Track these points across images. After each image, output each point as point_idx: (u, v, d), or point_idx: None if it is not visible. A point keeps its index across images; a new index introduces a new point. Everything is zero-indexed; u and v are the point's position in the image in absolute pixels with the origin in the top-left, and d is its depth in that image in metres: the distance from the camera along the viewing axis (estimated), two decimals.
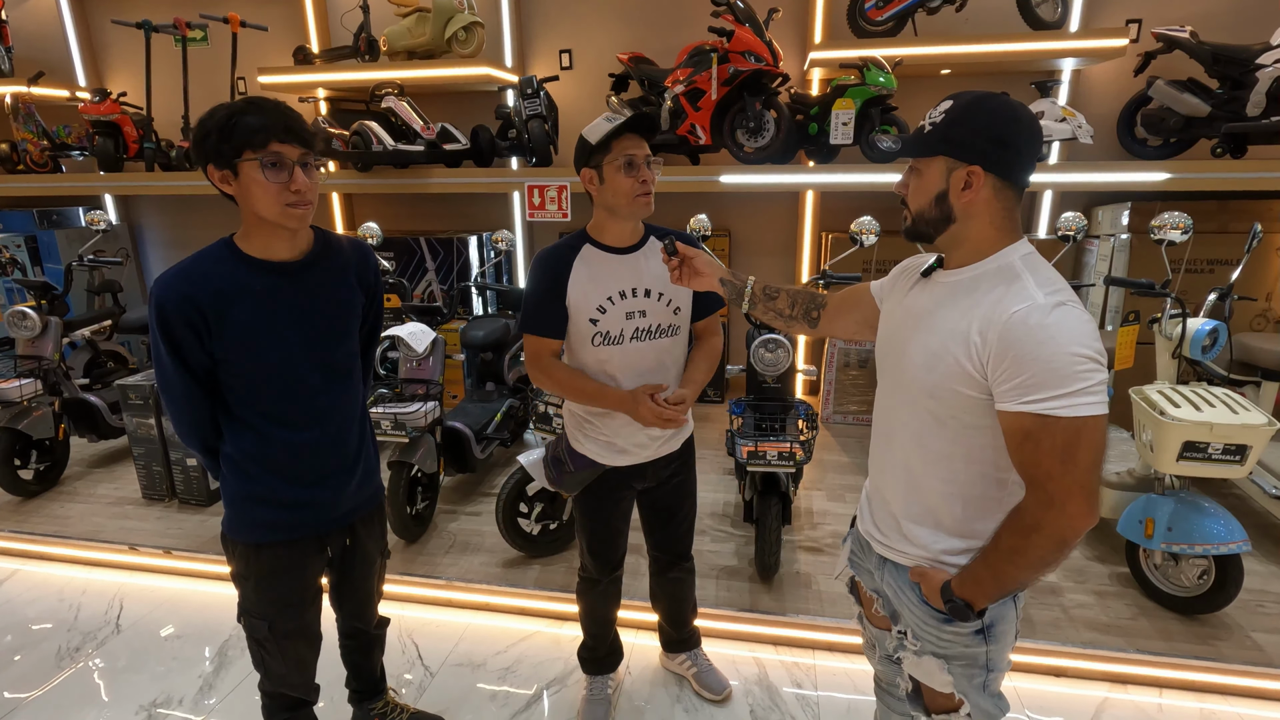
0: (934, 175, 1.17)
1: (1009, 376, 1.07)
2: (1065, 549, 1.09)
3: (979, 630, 1.23)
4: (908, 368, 1.24)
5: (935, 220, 1.19)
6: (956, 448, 1.20)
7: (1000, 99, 1.14)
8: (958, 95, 1.16)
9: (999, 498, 1.20)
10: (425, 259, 4.41)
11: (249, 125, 1.33)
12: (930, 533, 1.27)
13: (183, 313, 1.39)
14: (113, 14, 4.54)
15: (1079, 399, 1.04)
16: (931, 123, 1.16)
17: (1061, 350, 1.04)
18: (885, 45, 3.47)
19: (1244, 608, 2.43)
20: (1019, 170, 1.14)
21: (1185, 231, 2.45)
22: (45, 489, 3.48)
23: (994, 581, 1.17)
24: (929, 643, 1.29)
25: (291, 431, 1.53)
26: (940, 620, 1.25)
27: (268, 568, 1.59)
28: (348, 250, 1.61)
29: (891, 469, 1.33)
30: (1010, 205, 1.16)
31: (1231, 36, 3.36)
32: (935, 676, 1.30)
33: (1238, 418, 2.20)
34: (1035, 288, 1.09)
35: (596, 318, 1.73)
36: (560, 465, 1.97)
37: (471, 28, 3.85)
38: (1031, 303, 1.07)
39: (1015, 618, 1.26)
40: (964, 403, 1.16)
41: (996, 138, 1.11)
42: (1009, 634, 1.26)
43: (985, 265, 1.17)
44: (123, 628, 2.64)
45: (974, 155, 1.12)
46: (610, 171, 1.65)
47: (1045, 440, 1.06)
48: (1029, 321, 1.06)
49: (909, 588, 1.31)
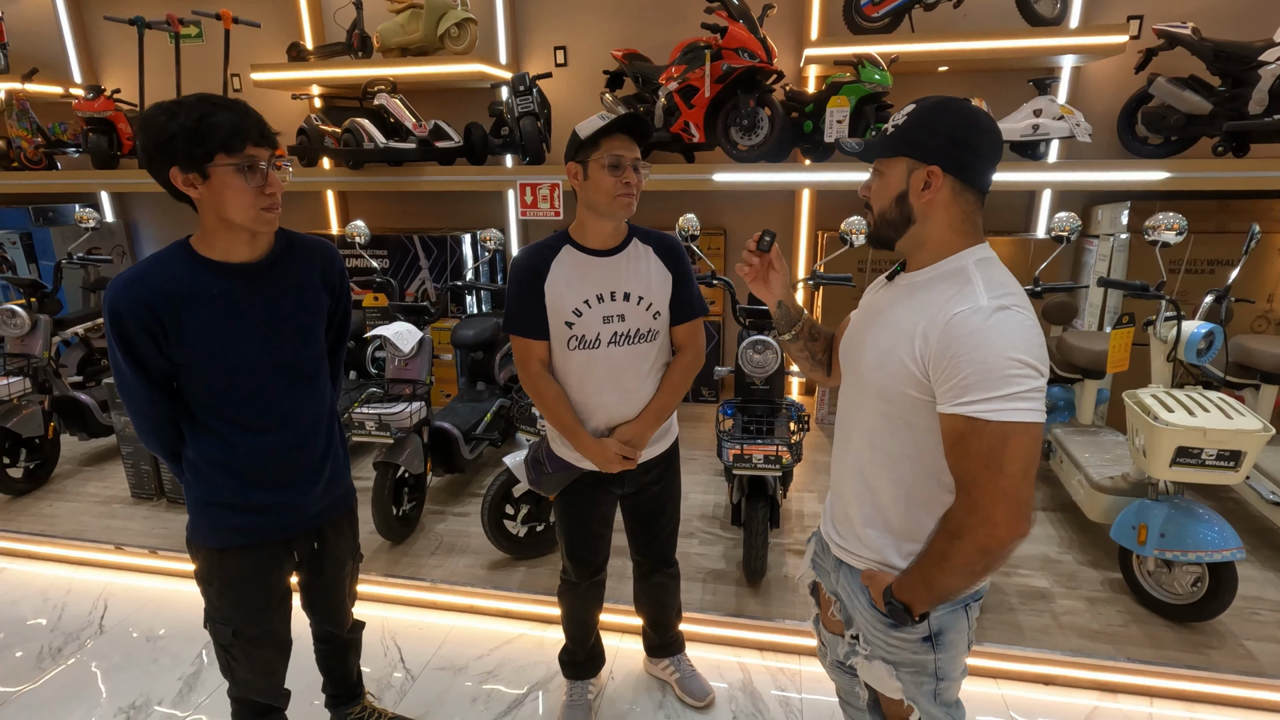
0: (895, 176, 1.18)
1: (947, 377, 1.07)
2: (989, 557, 1.08)
3: (926, 638, 1.23)
4: (863, 367, 1.25)
5: (896, 221, 1.20)
6: (905, 448, 1.20)
7: (962, 104, 1.15)
8: (921, 100, 1.17)
9: (945, 501, 1.19)
10: (419, 257, 4.39)
11: (222, 127, 1.30)
12: (880, 535, 1.27)
13: (137, 317, 1.36)
14: (106, 10, 4.53)
15: (1010, 404, 1.03)
16: (894, 125, 1.17)
17: (996, 353, 1.03)
18: (881, 42, 3.43)
19: (1238, 615, 2.38)
20: (978, 173, 1.15)
21: (1180, 233, 2.40)
22: (35, 487, 3.48)
23: (925, 586, 1.16)
24: (878, 647, 1.30)
25: (255, 435, 1.51)
26: (888, 625, 1.25)
27: (232, 572, 1.57)
28: (313, 251, 1.59)
29: (848, 469, 1.33)
30: (970, 209, 1.17)
31: (1234, 33, 3.30)
32: (885, 682, 1.31)
33: (1232, 423, 2.16)
34: (982, 290, 1.09)
35: (572, 320, 1.71)
36: (539, 466, 1.96)
37: (464, 24, 3.82)
38: (974, 305, 1.07)
39: (967, 628, 1.26)
40: (910, 404, 1.16)
41: (957, 140, 1.13)
42: (959, 644, 1.25)
43: (941, 267, 1.18)
44: (106, 627, 2.63)
45: (934, 155, 1.13)
46: (595, 168, 1.64)
47: (974, 443, 1.05)
48: (969, 323, 1.06)
49: (860, 591, 1.31)
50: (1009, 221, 4.22)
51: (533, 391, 1.80)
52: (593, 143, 1.63)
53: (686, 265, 1.84)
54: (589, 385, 1.77)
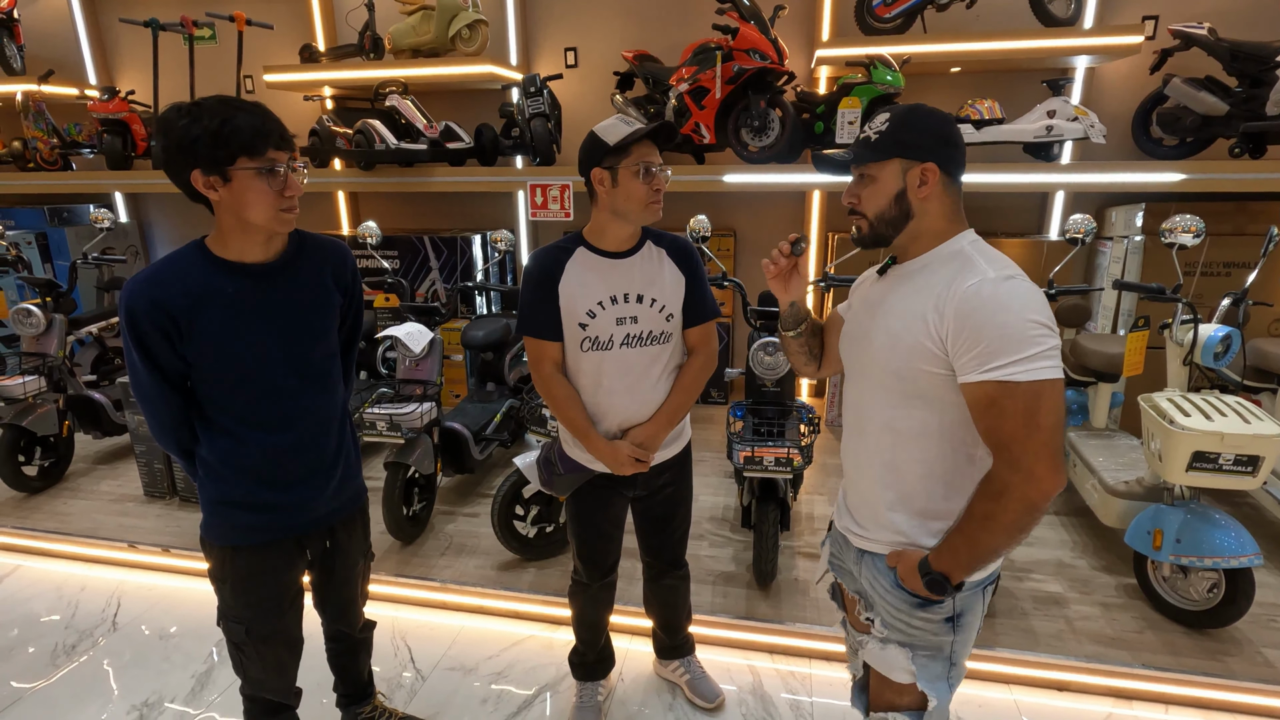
0: (889, 177, 1.25)
1: (968, 347, 1.13)
2: (1035, 512, 1.13)
3: (949, 618, 1.28)
4: (873, 354, 1.29)
5: (895, 219, 1.26)
6: (929, 425, 1.24)
7: (932, 108, 1.25)
8: (893, 107, 1.26)
9: (971, 474, 1.24)
10: (429, 258, 4.40)
11: (244, 131, 1.31)
12: (908, 517, 1.30)
13: (153, 317, 1.37)
14: (122, 13, 4.57)
15: (1037, 363, 1.09)
16: (876, 132, 1.24)
17: (1016, 317, 1.10)
18: (894, 43, 3.42)
19: (1255, 622, 2.35)
20: (958, 165, 1.26)
21: (1197, 235, 2.38)
22: (49, 485, 3.51)
23: (969, 550, 1.20)
24: (897, 630, 1.33)
25: (267, 434, 1.52)
26: (913, 605, 1.29)
27: (244, 571, 1.58)
28: (325, 250, 1.60)
29: (867, 459, 1.36)
30: (956, 198, 1.26)
31: (1251, 33, 3.27)
32: (898, 667, 1.33)
33: (1250, 427, 2.13)
34: (985, 265, 1.17)
35: (586, 322, 1.71)
36: (551, 467, 1.96)
37: (475, 25, 3.84)
38: (982, 277, 1.14)
39: (981, 611, 1.32)
40: (929, 380, 1.21)
41: (942, 137, 1.23)
42: (974, 626, 1.31)
43: (937, 252, 1.25)
44: (120, 625, 2.65)
45: (926, 154, 1.22)
46: (626, 176, 1.63)
47: (1009, 405, 1.10)
48: (982, 293, 1.13)
49: (883, 575, 1.34)
50: (1022, 223, 4.18)
51: (545, 392, 1.80)
52: (622, 150, 1.62)
53: (700, 268, 1.83)
54: (601, 386, 1.76)
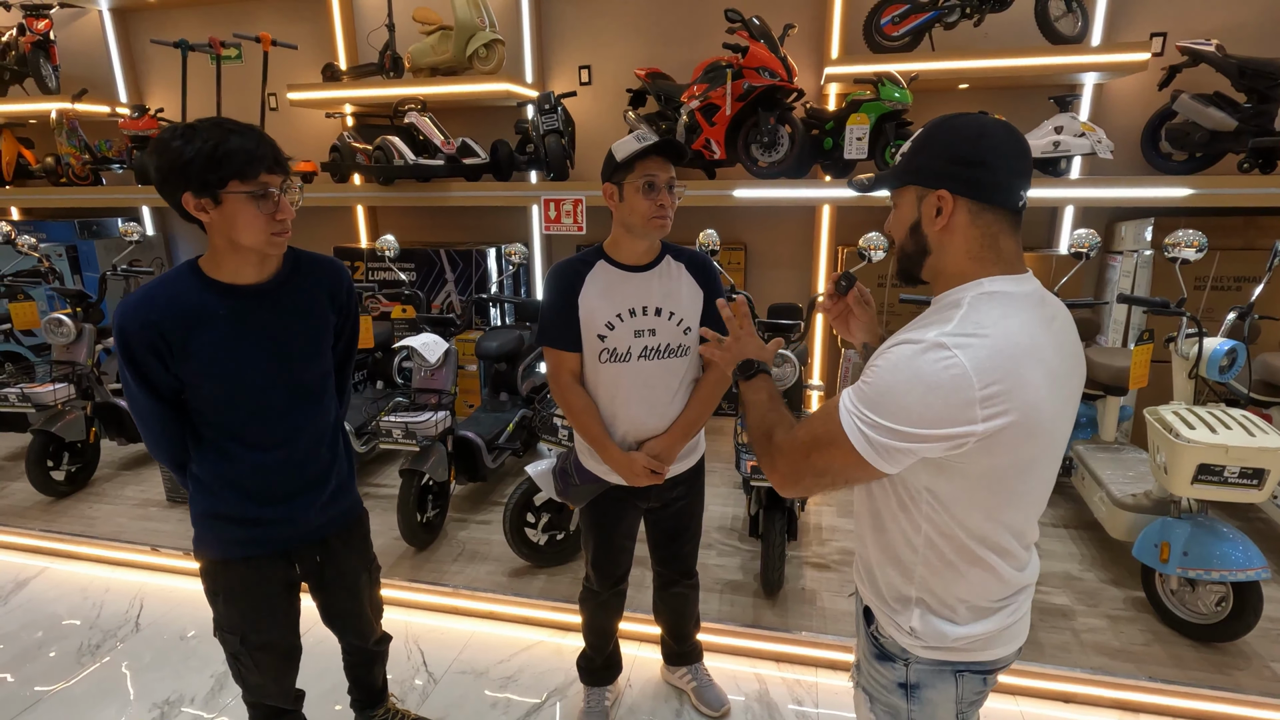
0: (906, 206, 1.11)
1: None
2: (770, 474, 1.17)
3: (901, 684, 1.20)
4: None
5: (913, 254, 1.12)
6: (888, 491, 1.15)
7: (967, 118, 1.05)
8: (928, 122, 1.10)
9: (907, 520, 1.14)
10: (445, 270, 4.49)
11: (237, 154, 1.31)
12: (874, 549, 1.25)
13: (145, 338, 1.38)
14: (153, 34, 4.73)
15: (858, 420, 1.03)
16: (902, 154, 1.11)
17: (888, 379, 1.01)
18: (902, 60, 3.47)
19: (1264, 636, 2.35)
20: (996, 190, 1.03)
21: (1200, 250, 2.40)
22: (75, 490, 3.61)
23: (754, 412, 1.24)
24: (863, 675, 1.29)
25: (259, 453, 1.53)
26: (872, 654, 1.24)
27: (234, 583, 1.59)
28: (320, 269, 1.60)
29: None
30: (991, 230, 1.04)
31: (1259, 49, 3.29)
32: (862, 712, 1.30)
33: (1255, 440, 2.15)
34: (943, 326, 1.00)
35: (604, 334, 1.76)
36: (567, 477, 2.00)
37: (492, 45, 3.94)
38: (921, 341, 0.99)
39: (955, 698, 1.18)
40: None
41: (959, 157, 1.03)
42: (942, 707, 1.19)
43: (939, 299, 1.09)
44: (142, 626, 2.72)
45: (938, 179, 1.04)
46: (630, 190, 1.68)
47: (819, 416, 1.10)
48: (894, 350, 1.03)
49: (861, 616, 1.30)
50: (1032, 238, 4.21)
51: (563, 403, 1.84)
52: (628, 165, 1.67)
53: (718, 283, 1.87)
54: (618, 398, 1.81)
